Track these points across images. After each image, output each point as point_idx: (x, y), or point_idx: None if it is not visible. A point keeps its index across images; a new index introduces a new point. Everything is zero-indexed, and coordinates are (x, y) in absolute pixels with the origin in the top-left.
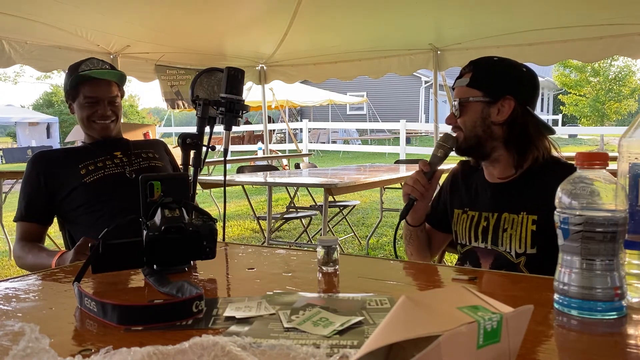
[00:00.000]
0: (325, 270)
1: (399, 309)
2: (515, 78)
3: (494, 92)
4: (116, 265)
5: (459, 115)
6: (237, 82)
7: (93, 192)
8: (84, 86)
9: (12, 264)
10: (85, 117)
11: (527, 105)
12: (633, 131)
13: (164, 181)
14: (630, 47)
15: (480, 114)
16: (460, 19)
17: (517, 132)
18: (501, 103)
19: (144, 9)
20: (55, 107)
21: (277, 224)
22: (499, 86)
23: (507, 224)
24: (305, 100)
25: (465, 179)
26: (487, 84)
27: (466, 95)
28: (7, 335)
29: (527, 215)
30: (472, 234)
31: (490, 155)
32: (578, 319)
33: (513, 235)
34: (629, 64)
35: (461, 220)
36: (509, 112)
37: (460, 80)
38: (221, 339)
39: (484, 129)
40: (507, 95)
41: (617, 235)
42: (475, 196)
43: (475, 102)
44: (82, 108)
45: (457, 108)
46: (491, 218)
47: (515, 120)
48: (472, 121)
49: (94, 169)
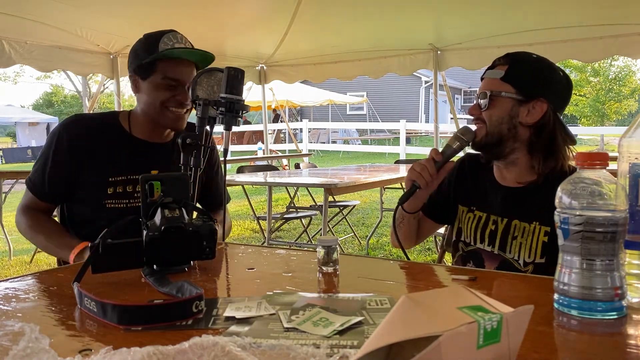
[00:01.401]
0: (325, 270)
1: (399, 309)
2: (552, 81)
3: (527, 91)
4: (116, 265)
5: (486, 108)
6: (237, 82)
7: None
8: (166, 64)
9: (12, 264)
10: (160, 102)
11: (558, 112)
12: (633, 131)
13: (164, 181)
14: (630, 47)
15: (509, 111)
16: (461, 19)
17: (544, 137)
18: (533, 104)
19: (144, 9)
20: (55, 107)
21: (277, 224)
22: (535, 86)
23: (517, 231)
24: (305, 100)
25: (474, 175)
26: (522, 81)
27: (498, 89)
28: (7, 335)
29: (540, 226)
30: (478, 235)
31: (507, 157)
32: (578, 319)
33: (523, 244)
34: (629, 64)
35: (466, 219)
36: (540, 116)
37: (494, 72)
38: (221, 339)
39: (509, 127)
40: (540, 97)
41: (617, 235)
42: (484, 196)
43: (507, 97)
44: (158, 89)
45: (485, 100)
46: (500, 223)
47: (544, 125)
48: (498, 117)
49: (122, 192)
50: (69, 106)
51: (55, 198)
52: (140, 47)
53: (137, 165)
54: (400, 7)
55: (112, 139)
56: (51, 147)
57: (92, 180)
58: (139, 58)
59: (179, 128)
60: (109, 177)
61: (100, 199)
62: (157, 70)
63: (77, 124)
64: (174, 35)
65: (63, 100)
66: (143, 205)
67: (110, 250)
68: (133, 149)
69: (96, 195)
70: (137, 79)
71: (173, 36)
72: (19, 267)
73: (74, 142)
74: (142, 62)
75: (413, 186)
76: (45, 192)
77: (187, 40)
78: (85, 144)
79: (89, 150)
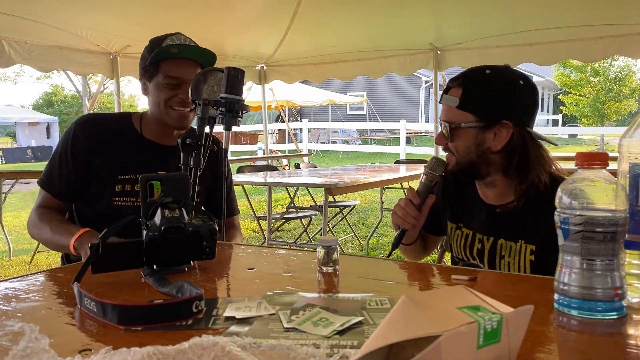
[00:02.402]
0: (325, 270)
1: (399, 309)
2: (512, 99)
3: (488, 116)
4: (116, 265)
5: (449, 140)
6: (237, 82)
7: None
8: (167, 64)
9: (12, 264)
10: (163, 101)
11: (526, 126)
12: (633, 131)
13: (164, 181)
14: (630, 47)
15: (474, 139)
16: (461, 19)
17: (516, 159)
18: (497, 128)
19: (144, 9)
20: (55, 107)
21: (277, 224)
22: (495, 109)
23: (504, 250)
24: (305, 100)
25: (459, 190)
26: (480, 107)
27: (457, 120)
28: (7, 335)
29: (526, 244)
30: (467, 252)
31: (485, 178)
32: (578, 319)
33: (512, 263)
34: (629, 64)
35: (455, 236)
36: (507, 139)
37: (449, 99)
38: (221, 339)
39: (478, 154)
40: (503, 119)
41: (617, 235)
42: (471, 213)
43: (467, 127)
44: (160, 89)
45: (446, 130)
46: (486, 242)
47: (514, 147)
48: (465, 147)
49: (130, 191)
50: (68, 106)
51: (70, 195)
52: (146, 50)
53: (146, 165)
54: (400, 7)
55: (124, 139)
56: (65, 145)
57: (102, 178)
58: (144, 60)
59: (184, 127)
60: (118, 175)
61: (108, 197)
62: (160, 71)
63: (92, 122)
64: (177, 37)
65: (63, 100)
66: (143, 205)
67: (110, 250)
68: (143, 149)
69: (105, 192)
70: (145, 82)
71: (176, 37)
72: (19, 267)
73: (88, 140)
74: (146, 64)
75: (401, 230)
76: (61, 190)
77: (191, 41)
78: (98, 142)
79: (102, 148)
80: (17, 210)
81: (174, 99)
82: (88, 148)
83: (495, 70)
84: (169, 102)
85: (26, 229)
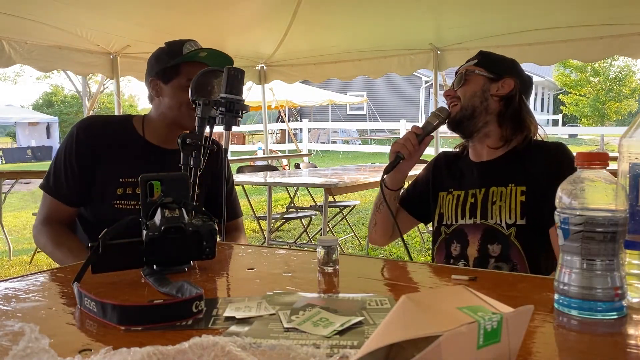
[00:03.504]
0: (325, 270)
1: (399, 309)
2: (517, 68)
3: (498, 72)
4: (116, 265)
5: (460, 85)
6: (237, 82)
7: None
8: (190, 67)
9: (12, 264)
10: (185, 102)
11: (523, 95)
12: (633, 131)
13: (163, 181)
14: (630, 47)
15: (482, 86)
16: (461, 19)
17: (512, 108)
18: (502, 82)
19: (144, 9)
20: (55, 107)
21: (277, 224)
22: (504, 67)
23: (495, 196)
24: (305, 100)
25: (448, 165)
26: (492, 64)
27: (472, 69)
28: (7, 335)
29: (516, 187)
30: (459, 211)
31: (480, 130)
32: (578, 319)
33: (503, 207)
34: (629, 64)
35: (446, 202)
36: (509, 90)
37: (468, 62)
38: (221, 339)
39: (482, 100)
40: (509, 75)
41: (618, 236)
42: (460, 177)
43: (479, 75)
44: (184, 90)
45: (460, 80)
46: (479, 194)
47: (512, 98)
48: (472, 91)
49: (132, 194)
50: (68, 106)
51: (79, 200)
52: (162, 53)
53: (148, 169)
54: (400, 7)
55: (126, 142)
56: (69, 149)
57: (104, 181)
58: (163, 62)
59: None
60: (120, 178)
61: (110, 200)
62: (181, 73)
63: (93, 125)
64: (195, 43)
65: (63, 100)
66: (143, 205)
67: (110, 250)
68: (145, 152)
69: (106, 196)
70: (158, 83)
71: (195, 44)
72: (19, 267)
73: (91, 143)
74: (166, 65)
75: (397, 157)
76: (70, 196)
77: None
78: (101, 145)
79: (104, 151)
80: (17, 210)
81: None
82: (92, 151)
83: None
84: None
85: (26, 229)
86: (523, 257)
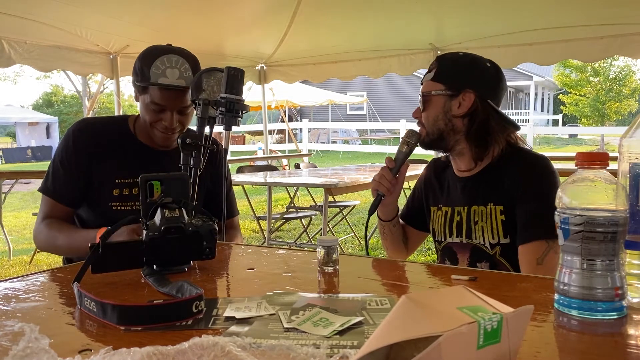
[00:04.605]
0: (325, 270)
1: (399, 309)
2: (477, 72)
3: (455, 86)
4: (116, 265)
5: (423, 110)
6: (237, 82)
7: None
8: (155, 90)
9: (12, 264)
10: (148, 122)
11: (488, 99)
12: (633, 131)
13: (163, 181)
14: (630, 47)
15: (442, 107)
16: (461, 18)
17: (478, 124)
18: (462, 96)
19: (144, 9)
20: (55, 107)
21: (277, 224)
22: (460, 80)
23: (477, 216)
24: (305, 100)
25: (438, 176)
26: (449, 77)
27: (429, 89)
28: (7, 335)
29: (495, 206)
30: (447, 229)
31: (453, 148)
32: (578, 319)
33: (485, 227)
34: (629, 64)
35: (437, 217)
36: (469, 106)
37: (427, 75)
38: (221, 339)
39: (445, 122)
40: (467, 88)
41: (618, 236)
42: (448, 192)
43: (437, 95)
44: (147, 110)
45: (421, 102)
46: (463, 212)
47: (475, 114)
48: (434, 115)
49: (128, 195)
50: (68, 106)
51: (75, 199)
52: (137, 64)
53: (142, 169)
54: (400, 7)
55: (120, 142)
56: (66, 151)
57: (100, 181)
58: (135, 75)
59: (168, 147)
60: (116, 179)
61: (106, 201)
62: (147, 93)
63: (87, 127)
64: (168, 59)
65: (63, 100)
66: (143, 205)
67: (110, 250)
68: (140, 153)
69: (103, 196)
70: (136, 91)
71: (167, 59)
72: (19, 267)
73: (88, 145)
74: (137, 78)
75: (378, 195)
76: (70, 198)
77: (184, 62)
78: (97, 147)
79: (100, 152)
80: (17, 210)
81: (158, 123)
82: (87, 152)
83: (467, 53)
84: (154, 124)
85: (26, 229)
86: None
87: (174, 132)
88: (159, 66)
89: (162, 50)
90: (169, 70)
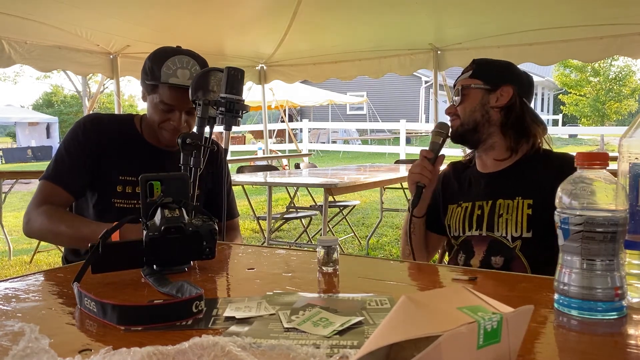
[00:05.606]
0: (325, 270)
1: (399, 309)
2: (514, 72)
3: (494, 81)
4: (116, 265)
5: (459, 103)
6: (237, 82)
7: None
8: (165, 89)
9: (12, 264)
10: (156, 122)
11: (524, 98)
12: (633, 131)
13: (163, 181)
14: (630, 47)
15: (480, 100)
16: (460, 19)
17: (514, 117)
18: (500, 91)
19: (144, 9)
20: (55, 107)
21: (277, 224)
22: (499, 76)
23: (502, 209)
24: (305, 100)
25: (457, 176)
26: (488, 74)
27: (468, 83)
28: (7, 335)
29: (523, 200)
30: (466, 223)
31: (485, 142)
32: (578, 319)
33: (509, 220)
34: (629, 64)
35: (455, 214)
36: (508, 99)
37: (463, 75)
38: (221, 339)
39: (482, 113)
40: (506, 83)
41: (618, 236)
42: (469, 188)
43: (476, 88)
44: (155, 110)
45: (458, 97)
46: (485, 206)
47: (512, 106)
48: (471, 107)
49: (131, 193)
50: (68, 106)
51: (76, 186)
52: (147, 64)
53: (146, 167)
54: (400, 7)
55: (127, 140)
56: (75, 139)
57: (104, 178)
58: (145, 74)
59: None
60: (120, 175)
61: (109, 198)
62: (157, 92)
63: (99, 120)
64: (179, 60)
65: (63, 100)
66: (143, 205)
67: (110, 250)
68: (145, 152)
69: (105, 192)
70: (144, 91)
71: (179, 60)
72: (19, 267)
73: (97, 136)
74: (146, 78)
75: (418, 187)
76: (73, 184)
77: (194, 64)
78: (105, 140)
79: (107, 146)
80: (17, 210)
81: (166, 123)
82: (96, 143)
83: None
84: (162, 124)
85: None
86: (527, 269)
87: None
88: (170, 66)
89: (173, 51)
90: (179, 71)
